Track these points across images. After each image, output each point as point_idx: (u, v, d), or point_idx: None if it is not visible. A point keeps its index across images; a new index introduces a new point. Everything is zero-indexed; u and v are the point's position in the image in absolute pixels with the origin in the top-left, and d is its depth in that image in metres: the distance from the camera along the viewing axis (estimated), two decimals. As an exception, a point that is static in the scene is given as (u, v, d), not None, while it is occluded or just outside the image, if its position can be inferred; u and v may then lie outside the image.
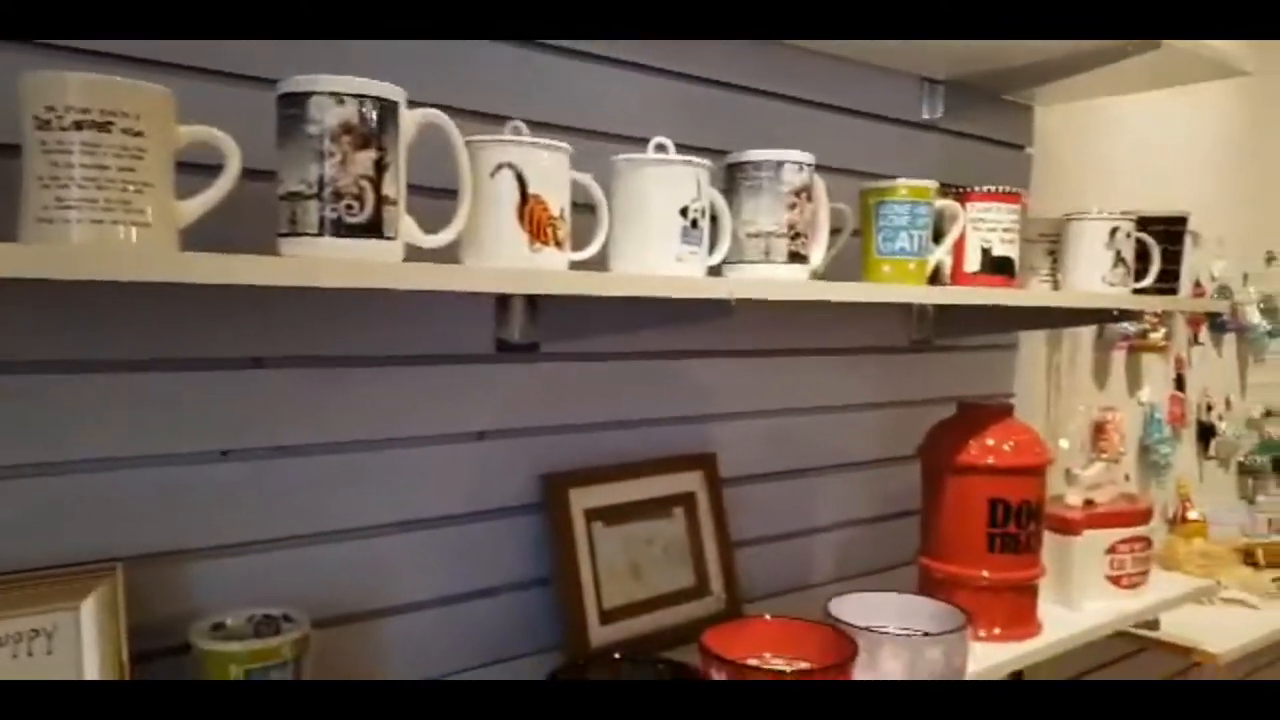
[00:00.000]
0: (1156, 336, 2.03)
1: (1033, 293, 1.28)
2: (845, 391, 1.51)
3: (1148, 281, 1.46)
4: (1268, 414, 2.43)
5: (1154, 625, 1.48)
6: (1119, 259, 1.42)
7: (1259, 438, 2.42)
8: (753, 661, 1.06)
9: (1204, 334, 2.23)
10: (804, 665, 1.01)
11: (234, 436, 0.94)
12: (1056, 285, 1.39)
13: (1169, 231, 1.55)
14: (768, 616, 1.17)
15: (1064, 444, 1.89)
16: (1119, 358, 2.05)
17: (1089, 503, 1.49)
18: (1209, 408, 2.26)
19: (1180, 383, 2.18)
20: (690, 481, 1.29)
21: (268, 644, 0.85)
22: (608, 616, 1.15)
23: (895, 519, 1.53)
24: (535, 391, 1.16)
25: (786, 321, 1.41)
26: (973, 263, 1.29)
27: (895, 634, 1.13)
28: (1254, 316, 2.35)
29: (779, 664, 1.09)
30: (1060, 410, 1.92)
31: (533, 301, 1.09)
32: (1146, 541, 1.48)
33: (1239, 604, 1.84)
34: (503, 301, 1.10)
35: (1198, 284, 2.21)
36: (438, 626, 1.08)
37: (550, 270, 0.83)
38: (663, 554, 1.24)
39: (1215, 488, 2.31)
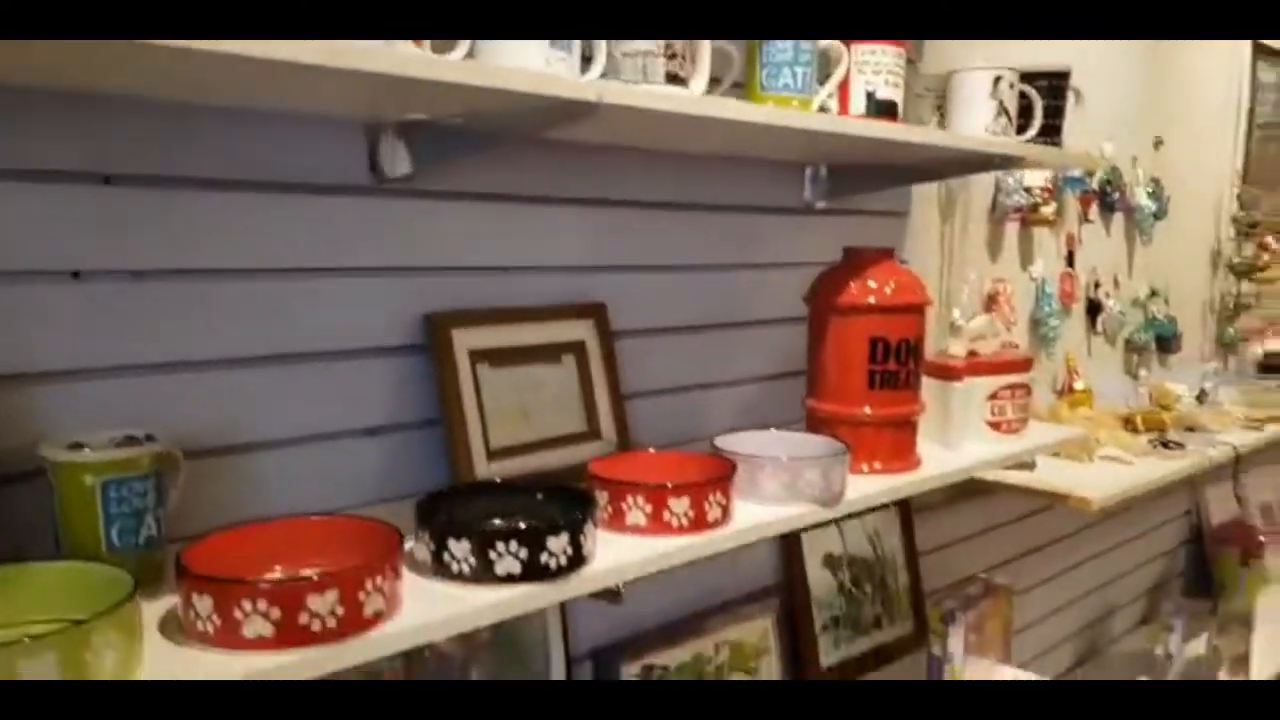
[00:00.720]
0: (1047, 211, 2.09)
1: (916, 129, 1.30)
2: (739, 250, 1.52)
3: (1030, 134, 1.50)
4: (1153, 294, 2.53)
5: (1030, 466, 1.54)
6: (1001, 109, 1.45)
7: (1144, 316, 2.52)
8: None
9: (1094, 213, 2.30)
10: (684, 481, 1.03)
11: (85, 258, 0.90)
12: (940, 135, 1.41)
13: (1052, 86, 1.58)
14: (652, 450, 1.19)
15: (957, 313, 1.95)
16: (1011, 231, 2.10)
17: (973, 353, 1.53)
18: (1097, 285, 2.34)
19: (1071, 260, 2.25)
20: (580, 330, 1.29)
21: (126, 454, 0.83)
22: (495, 455, 1.16)
23: (792, 377, 1.55)
24: (417, 230, 1.14)
25: (676, 173, 1.41)
26: (858, 106, 1.30)
27: (774, 458, 1.16)
28: (1142, 198, 2.43)
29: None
30: (953, 280, 1.97)
31: (407, 132, 1.06)
32: (1026, 389, 1.54)
33: (1116, 460, 1.93)
34: (374, 132, 1.07)
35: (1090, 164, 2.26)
36: (315, 464, 1.07)
37: (421, 56, 0.81)
38: (553, 399, 1.24)
39: (1103, 363, 2.41)
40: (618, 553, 0.97)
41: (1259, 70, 2.90)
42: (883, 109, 1.31)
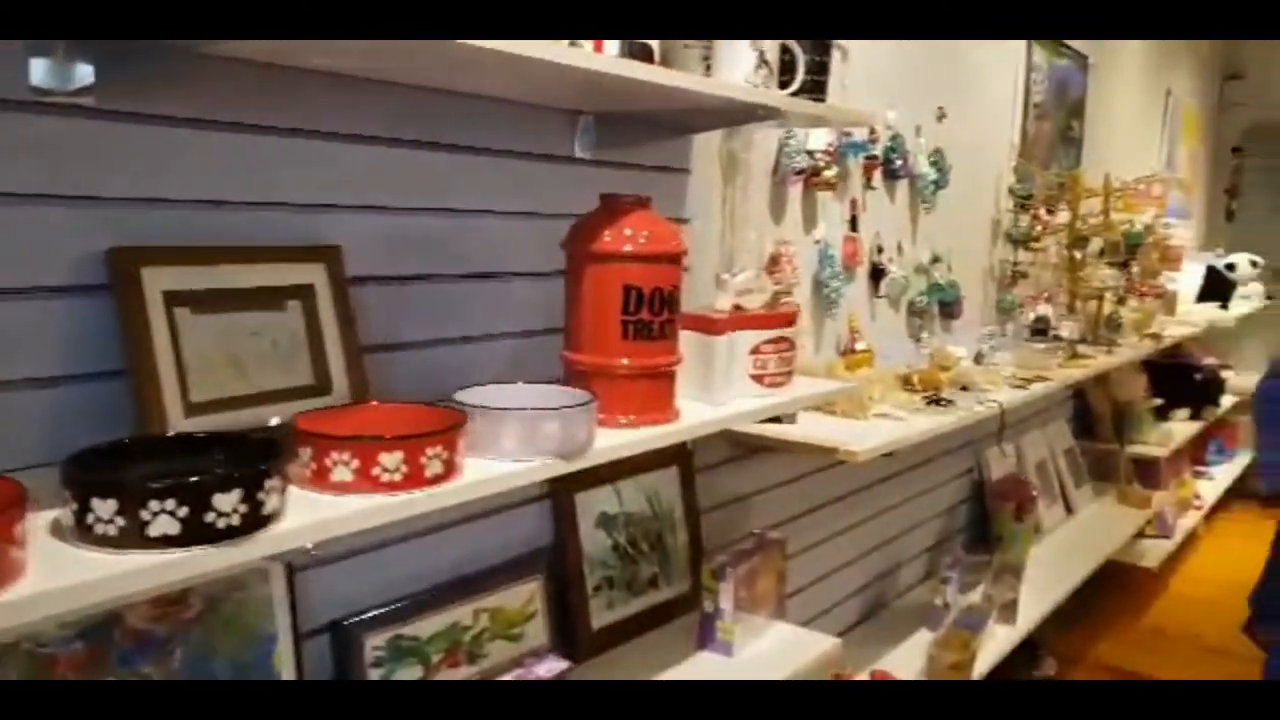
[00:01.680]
0: (830, 174, 2.11)
1: (670, 72, 1.25)
2: (504, 198, 1.44)
3: (793, 89, 1.49)
4: (935, 260, 2.63)
5: (791, 420, 1.55)
6: (763, 60, 1.43)
7: (927, 281, 2.62)
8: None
9: (877, 179, 2.36)
10: (397, 435, 0.95)
11: None
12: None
13: (816, 42, 1.58)
14: (375, 402, 1.10)
15: (735, 270, 1.94)
16: (795, 194, 2.12)
17: (738, 308, 1.52)
18: (880, 250, 2.41)
19: (854, 224, 2.30)
20: (309, 273, 1.18)
21: None
22: (196, 410, 1.04)
23: (556, 332, 1.49)
24: (103, 154, 1.00)
25: (434, 112, 1.31)
26: (611, 50, 1.25)
27: (512, 409, 1.09)
28: (924, 167, 2.51)
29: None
30: (736, 241, 1.97)
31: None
32: (790, 344, 1.54)
33: (888, 416, 1.98)
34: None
35: (872, 130, 2.31)
36: (-30, 419, 0.93)
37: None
38: (272, 348, 1.13)
39: (886, 326, 2.48)
40: (315, 511, 0.88)
41: (1033, 53, 3.07)
42: (649, 56, 1.27)
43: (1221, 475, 4.72)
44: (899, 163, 2.39)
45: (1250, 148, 5.15)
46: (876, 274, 2.41)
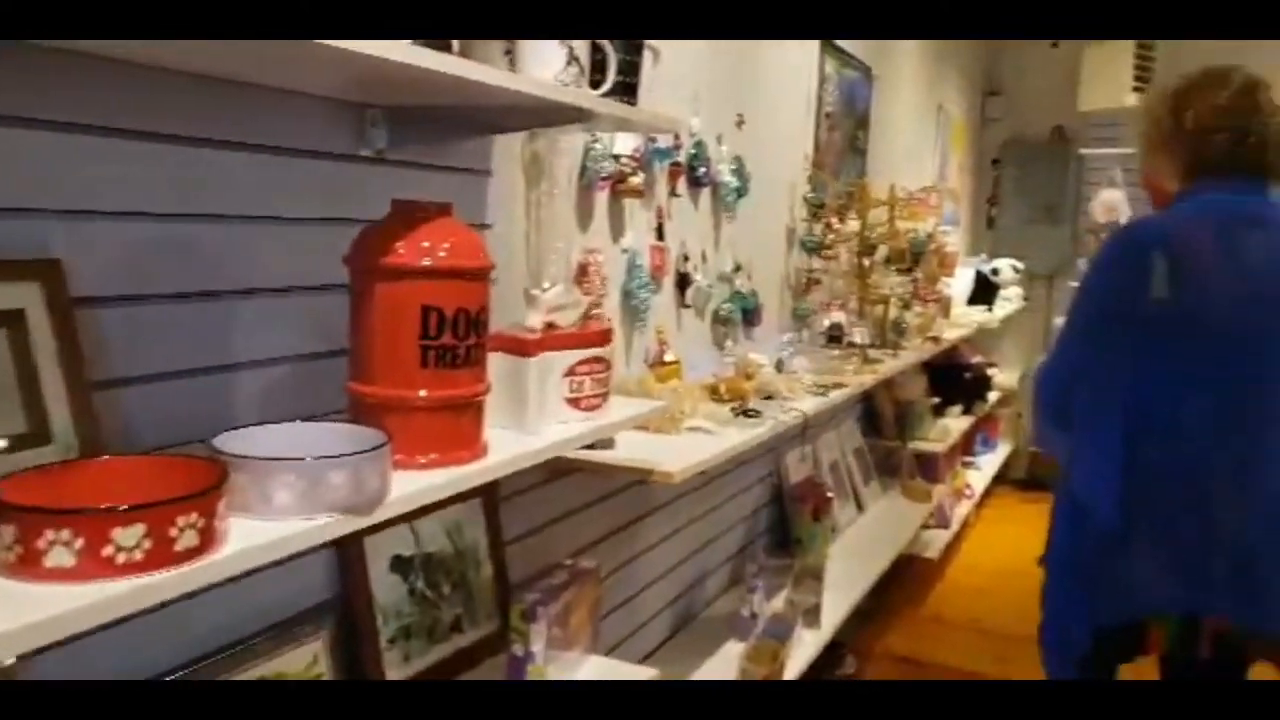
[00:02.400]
0: (636, 181, 2.03)
1: (471, 64, 1.11)
2: (274, 202, 1.24)
3: (605, 89, 1.38)
4: (737, 268, 2.62)
5: (609, 444, 1.46)
6: (573, 58, 1.31)
7: (730, 290, 2.60)
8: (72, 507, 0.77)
9: (682, 186, 2.30)
10: (137, 502, 0.76)
11: None
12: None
13: (627, 42, 1.48)
14: (109, 456, 0.89)
15: (546, 285, 1.82)
16: (602, 200, 2.02)
17: (550, 326, 1.40)
18: (686, 258, 2.36)
19: (661, 232, 2.23)
20: (17, 295, 0.95)
21: None
22: None
23: (341, 355, 1.31)
24: None
25: (189, 97, 1.10)
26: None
27: (288, 459, 0.92)
28: (726, 175, 2.48)
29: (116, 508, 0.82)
30: (543, 251, 1.84)
31: None
32: (606, 363, 1.44)
33: (701, 431, 1.93)
34: None
35: (677, 136, 2.26)
36: None
37: None
38: (-32, 390, 0.89)
39: (693, 336, 2.44)
40: (18, 612, 0.68)
41: (825, 64, 3.14)
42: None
43: (987, 465, 5.08)
44: (702, 170, 2.35)
45: (1007, 159, 5.60)
46: (683, 283, 2.36)
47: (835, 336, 2.95)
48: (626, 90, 1.44)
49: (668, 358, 2.21)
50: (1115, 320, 1.61)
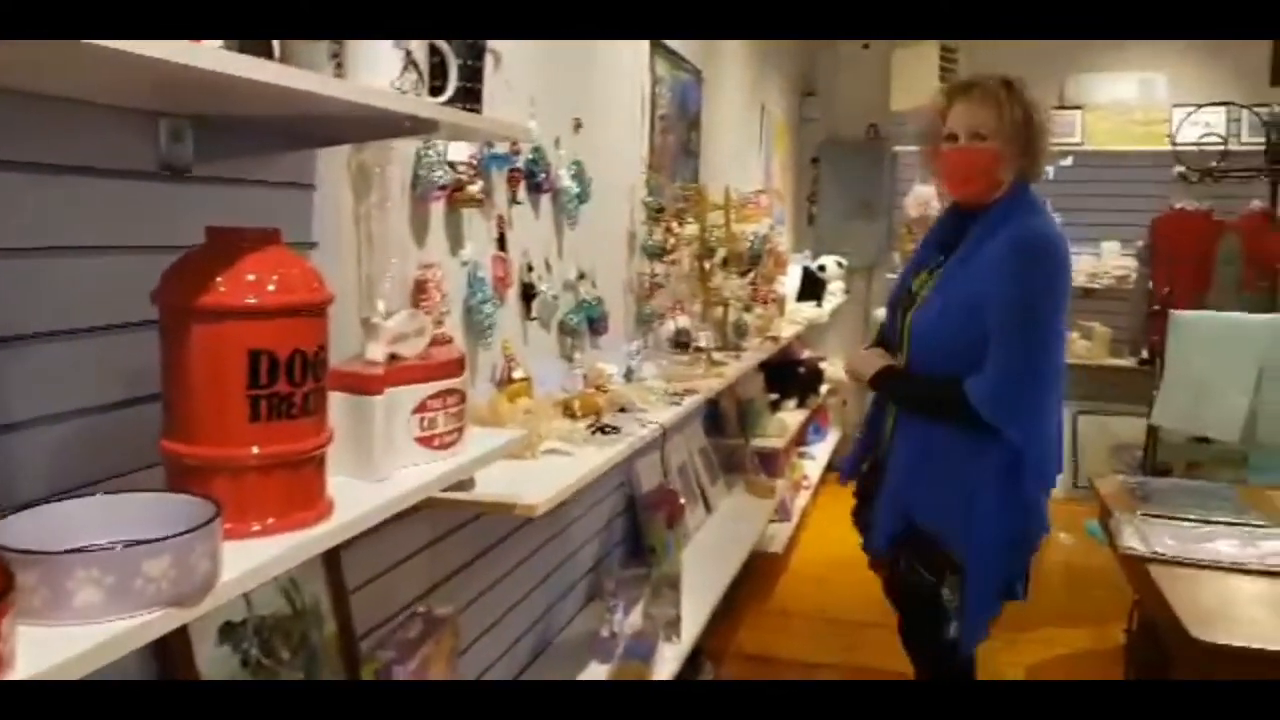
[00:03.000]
0: (474, 189, 1.91)
1: (307, 74, 0.97)
2: (58, 229, 1.05)
3: (446, 96, 1.26)
4: (581, 276, 2.53)
5: (468, 485, 1.35)
6: (410, 62, 1.18)
7: (575, 299, 2.52)
8: None
9: (523, 193, 2.19)
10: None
11: None
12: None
13: (470, 44, 1.37)
14: None
15: (381, 305, 1.67)
16: (438, 211, 1.89)
17: (394, 357, 1.27)
18: (530, 268, 2.25)
19: (503, 243, 2.11)
20: None
21: None
22: None
23: (145, 403, 1.13)
24: None
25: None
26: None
27: (91, 548, 0.76)
28: (566, 180, 2.39)
29: None
30: (375, 267, 1.69)
31: None
32: (460, 395, 1.32)
33: (558, 453, 1.83)
34: None
35: (514, 142, 2.15)
36: None
37: None
38: None
39: (540, 349, 2.34)
40: None
41: (657, 65, 3.10)
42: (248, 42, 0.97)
43: (820, 453, 5.24)
44: (542, 176, 2.25)
45: (825, 157, 5.78)
46: (528, 294, 2.25)
47: (683, 343, 2.91)
48: (469, 96, 1.33)
49: (516, 375, 2.10)
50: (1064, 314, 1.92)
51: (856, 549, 2.24)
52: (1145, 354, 4.62)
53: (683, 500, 2.98)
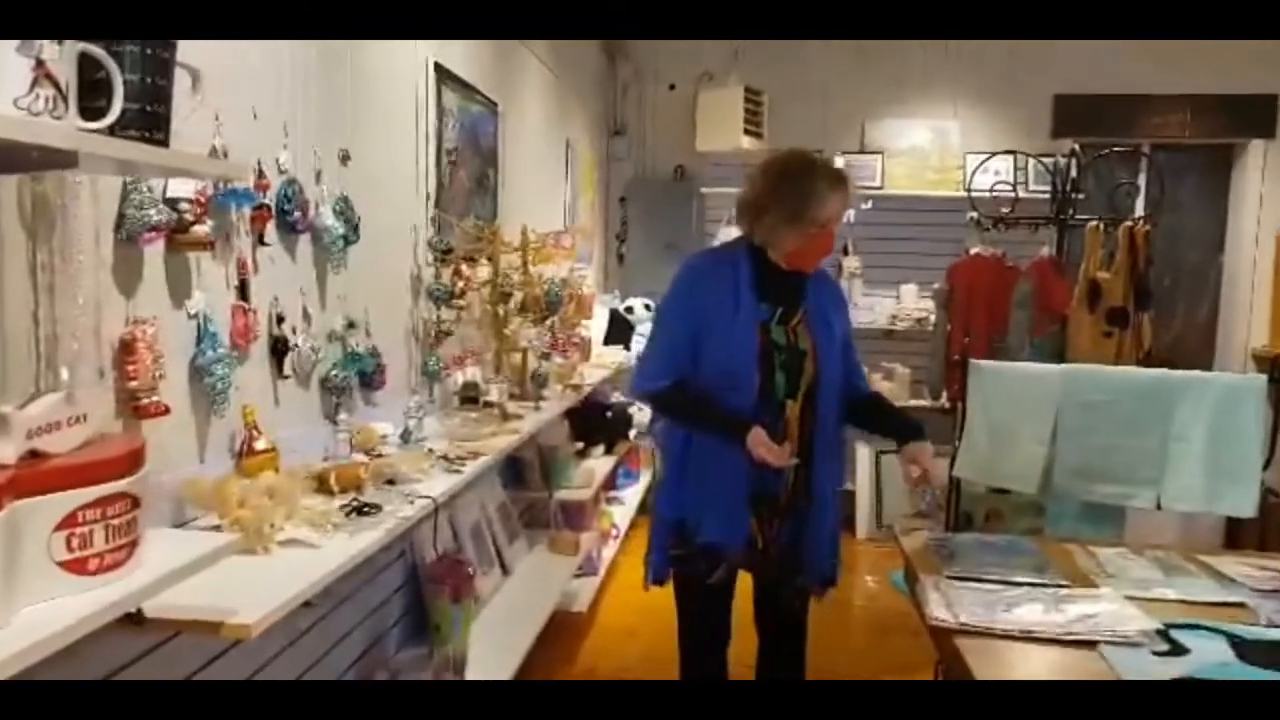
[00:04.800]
0: (202, 230, 1.62)
1: None
2: None
3: (108, 120, 0.99)
4: (351, 325, 2.25)
5: (137, 619, 1.06)
6: (46, 77, 0.91)
7: (343, 351, 2.23)
8: None
9: (272, 234, 1.91)
10: None
11: None
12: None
13: (152, 57, 1.10)
14: None
15: (65, 374, 1.36)
16: (154, 256, 1.58)
17: (36, 455, 0.97)
18: (282, 320, 1.96)
19: (244, 291, 1.82)
20: None
21: None
22: None
23: None
24: None
25: None
26: None
27: None
28: (330, 218, 2.12)
29: None
30: (59, 327, 1.37)
31: None
32: (131, 501, 1.04)
33: (298, 544, 1.55)
34: None
35: (262, 173, 1.86)
36: None
37: None
38: None
39: (297, 411, 2.05)
40: None
41: (444, 97, 2.87)
42: None
43: (631, 497, 5.09)
44: (297, 214, 1.97)
45: (633, 197, 5.71)
46: (279, 349, 1.96)
47: (471, 398, 2.67)
48: (150, 122, 1.06)
49: (260, 445, 1.80)
50: None
51: (665, 595, 2.25)
52: (945, 402, 4.72)
53: (472, 569, 2.72)
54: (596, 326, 4.28)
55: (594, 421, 4.16)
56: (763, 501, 2.20)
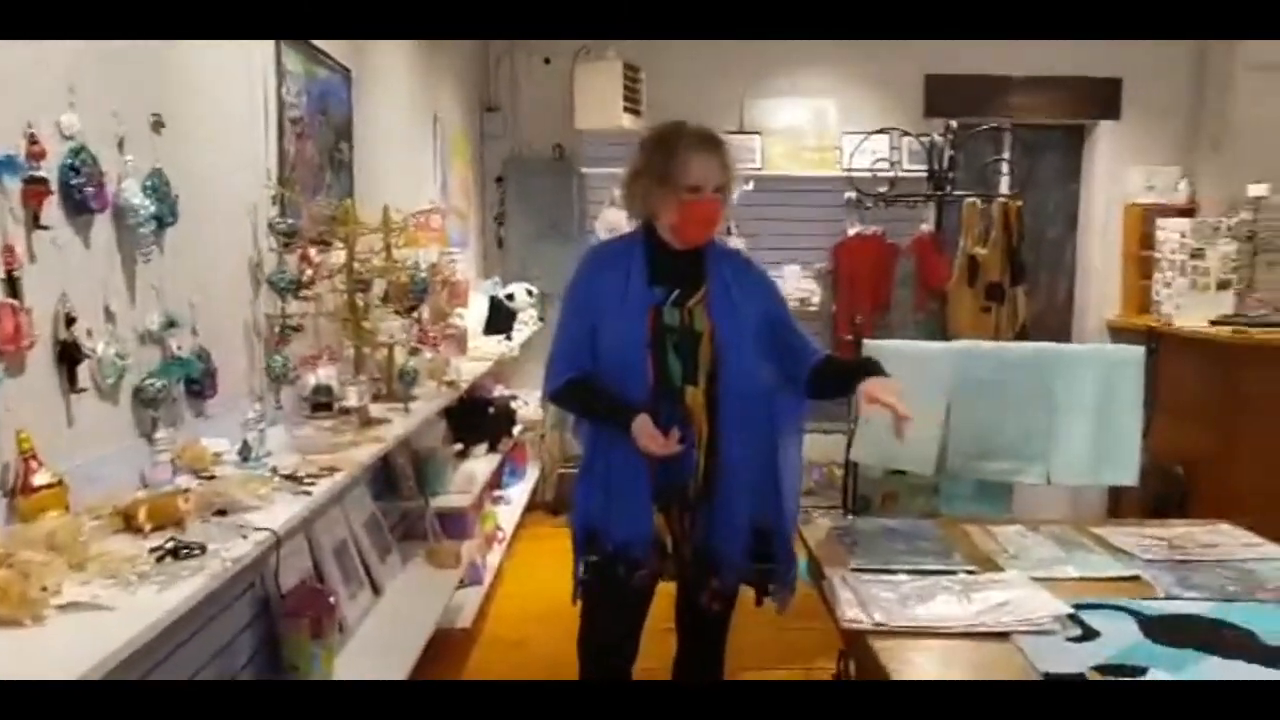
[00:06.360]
0: (-58, 209, 1.25)
1: None
2: None
3: None
4: (170, 324, 1.89)
5: None
6: None
7: (161, 356, 1.87)
8: None
9: (54, 214, 1.54)
10: None
11: None
12: None
13: None
14: None
15: None
16: None
17: None
18: (72, 320, 1.59)
19: (13, 286, 1.45)
20: None
21: None
22: None
23: None
24: None
25: None
26: None
27: None
28: (136, 196, 1.75)
29: None
30: None
31: None
32: None
33: (82, 607, 1.21)
34: None
35: (33, 141, 1.49)
36: None
37: None
38: None
39: (98, 431, 1.68)
40: None
41: (285, 58, 2.50)
42: None
43: (518, 496, 4.81)
44: (90, 190, 1.61)
45: (510, 176, 5.38)
46: (69, 357, 1.59)
47: (324, 404, 2.33)
48: None
49: (40, 479, 1.44)
50: None
51: (559, 598, 2.18)
52: (836, 384, 4.63)
53: (335, 596, 2.39)
54: (474, 316, 3.95)
55: (474, 419, 3.84)
56: (670, 496, 2.08)
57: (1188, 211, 4.99)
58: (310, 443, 2.11)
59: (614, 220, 4.75)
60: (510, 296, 4.41)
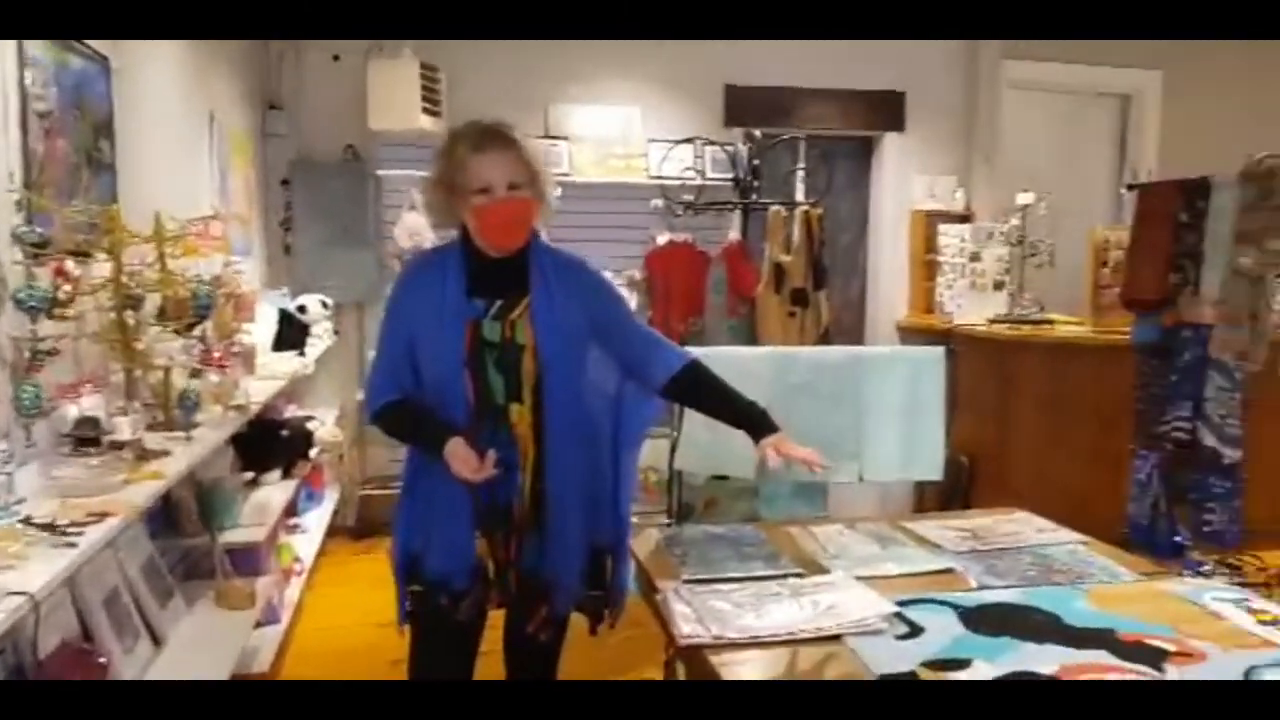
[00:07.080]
0: None
1: None
2: None
3: None
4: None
5: None
6: None
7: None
8: None
9: None
10: None
11: None
12: None
13: None
14: None
15: None
16: None
17: None
18: None
19: None
20: None
21: None
22: None
23: None
24: None
25: None
26: None
27: None
28: None
29: None
30: None
31: None
32: None
33: None
34: None
35: None
36: None
37: None
38: None
39: None
40: None
41: (29, 44, 2.17)
42: None
43: (315, 522, 4.49)
44: None
45: (298, 179, 5.03)
46: None
47: (91, 439, 2.04)
48: None
49: None
50: None
51: (365, 631, 2.19)
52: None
53: (105, 656, 2.09)
54: (263, 331, 3.64)
55: (266, 444, 3.53)
56: (493, 520, 1.97)
57: (965, 218, 5.39)
58: (74, 485, 1.83)
59: (414, 224, 4.54)
60: (302, 309, 4.10)
